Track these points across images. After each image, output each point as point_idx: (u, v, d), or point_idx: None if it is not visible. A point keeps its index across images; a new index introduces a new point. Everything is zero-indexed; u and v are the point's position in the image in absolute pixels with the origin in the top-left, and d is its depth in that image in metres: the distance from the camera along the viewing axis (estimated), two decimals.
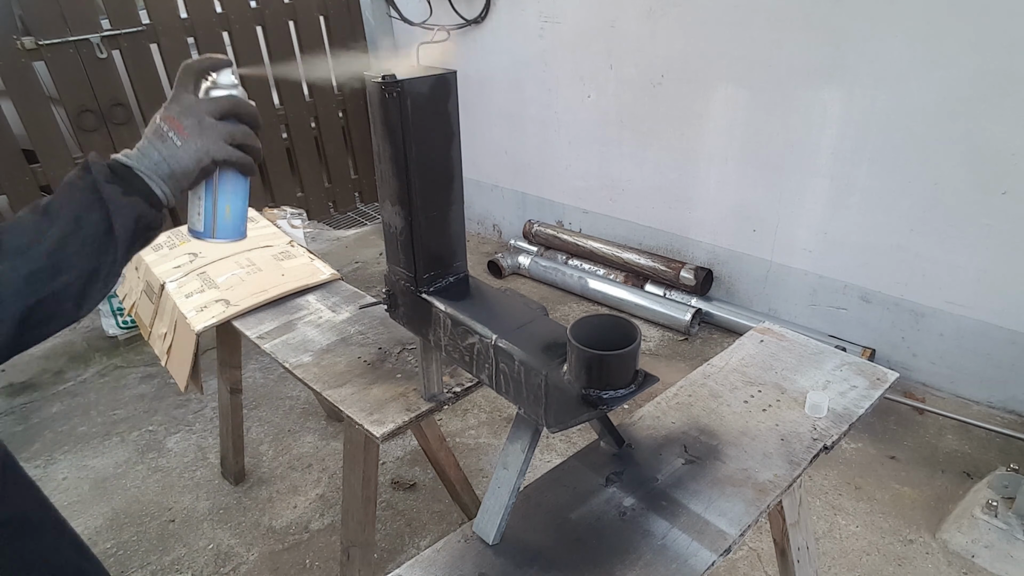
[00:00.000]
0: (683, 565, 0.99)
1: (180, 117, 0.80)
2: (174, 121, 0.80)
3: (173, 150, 0.79)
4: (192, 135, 0.79)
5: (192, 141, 0.79)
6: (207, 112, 0.81)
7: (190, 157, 0.80)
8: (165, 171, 0.79)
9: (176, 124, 0.80)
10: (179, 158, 0.79)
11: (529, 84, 3.44)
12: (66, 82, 3.21)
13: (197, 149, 0.80)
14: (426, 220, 1.11)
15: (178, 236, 2.24)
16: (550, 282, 3.53)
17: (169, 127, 0.80)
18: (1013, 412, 2.42)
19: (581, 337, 0.88)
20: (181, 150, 0.79)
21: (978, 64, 2.09)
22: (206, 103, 0.82)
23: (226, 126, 0.83)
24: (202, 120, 0.81)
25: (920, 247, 2.42)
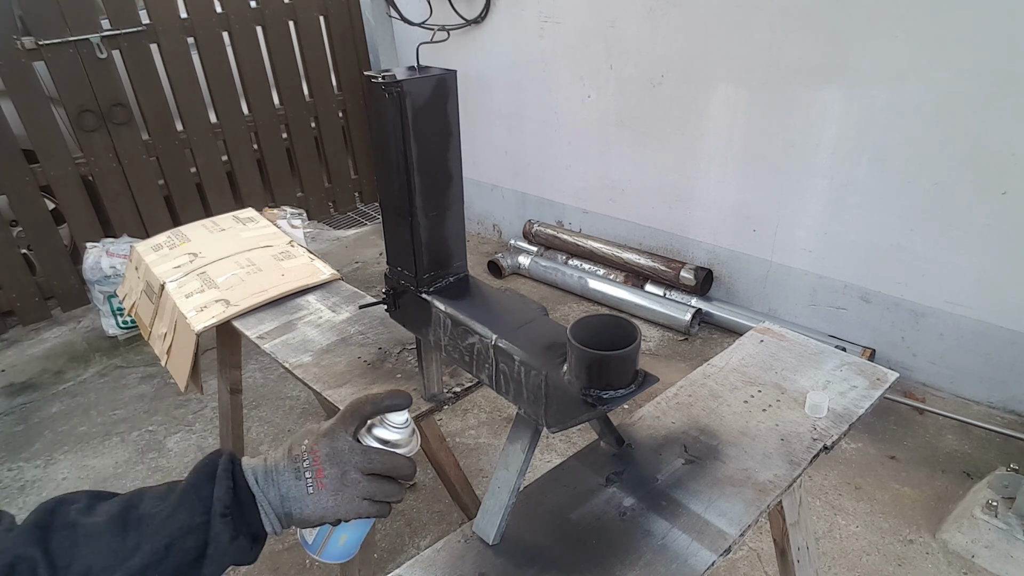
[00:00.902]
0: (683, 565, 0.99)
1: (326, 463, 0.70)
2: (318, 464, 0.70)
3: (302, 494, 0.69)
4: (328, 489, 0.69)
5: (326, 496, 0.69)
6: (356, 466, 0.71)
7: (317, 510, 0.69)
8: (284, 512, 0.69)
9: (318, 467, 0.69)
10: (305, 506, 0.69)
11: (529, 84, 3.44)
12: (66, 82, 3.21)
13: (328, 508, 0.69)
14: (426, 220, 1.11)
15: (178, 236, 2.24)
16: (550, 282, 3.53)
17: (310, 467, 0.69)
18: (1013, 412, 2.42)
19: (581, 337, 0.88)
20: (311, 499, 0.69)
21: (978, 64, 2.09)
22: (360, 454, 0.71)
23: (371, 485, 0.72)
24: (347, 475, 0.70)
25: (920, 247, 2.42)
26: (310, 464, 0.70)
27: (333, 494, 0.70)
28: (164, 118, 3.57)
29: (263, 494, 0.68)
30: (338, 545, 0.79)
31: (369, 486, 0.72)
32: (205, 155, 3.79)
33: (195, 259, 2.07)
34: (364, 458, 0.71)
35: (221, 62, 3.68)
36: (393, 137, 1.04)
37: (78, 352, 3.19)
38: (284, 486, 0.69)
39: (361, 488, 0.71)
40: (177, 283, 1.96)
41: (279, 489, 0.69)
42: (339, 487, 0.70)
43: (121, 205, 3.55)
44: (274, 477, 0.69)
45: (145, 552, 0.60)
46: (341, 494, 0.70)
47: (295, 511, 0.69)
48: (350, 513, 0.71)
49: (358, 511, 0.72)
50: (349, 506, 0.71)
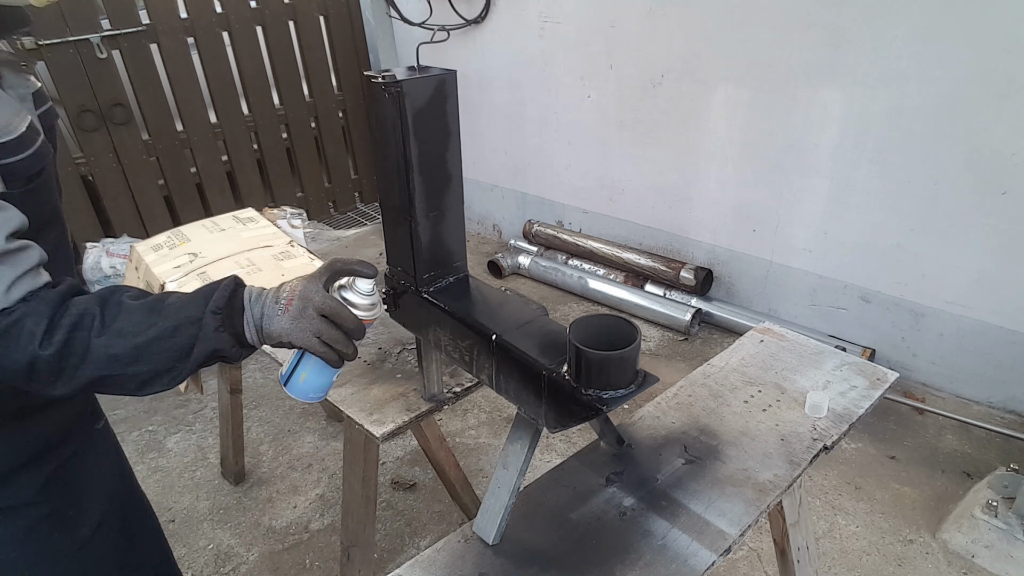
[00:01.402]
0: (683, 565, 0.99)
1: (295, 295, 0.88)
2: (292, 293, 0.88)
3: (273, 315, 0.87)
4: (290, 315, 0.87)
5: (287, 319, 0.87)
6: (315, 305, 0.88)
7: (279, 329, 0.87)
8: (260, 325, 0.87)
9: (290, 298, 0.88)
10: (273, 324, 0.87)
11: (529, 84, 3.44)
12: (66, 82, 3.21)
13: (285, 327, 0.87)
14: (426, 220, 1.11)
15: (178, 236, 2.25)
16: (550, 282, 3.53)
17: (286, 296, 0.88)
18: (1013, 412, 2.42)
19: (581, 337, 0.88)
20: (276, 320, 0.87)
21: (978, 64, 2.09)
22: (321, 298, 0.88)
23: (320, 323, 0.88)
24: (306, 309, 0.87)
25: (920, 247, 2.42)
26: (287, 295, 0.88)
27: (292, 320, 0.87)
28: (164, 118, 3.57)
29: (250, 309, 0.87)
30: (299, 382, 0.95)
31: (320, 324, 0.88)
32: (205, 155, 3.79)
33: (195, 259, 2.07)
34: (323, 302, 0.88)
35: (221, 62, 3.68)
36: (393, 137, 1.04)
37: None
38: (266, 307, 0.87)
39: (314, 324, 0.88)
40: (177, 283, 1.96)
41: (262, 308, 0.87)
42: (298, 316, 0.87)
43: (121, 205, 3.55)
44: (262, 298, 0.88)
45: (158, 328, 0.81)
46: (297, 322, 0.87)
47: (267, 327, 0.87)
48: (299, 340, 0.88)
49: (307, 342, 0.88)
50: (301, 335, 0.88)
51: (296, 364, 0.95)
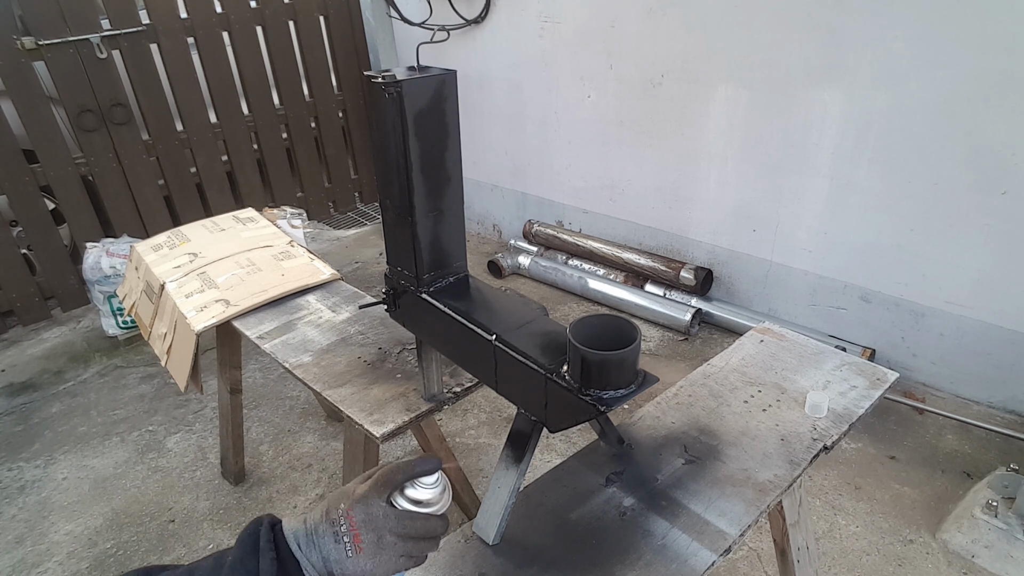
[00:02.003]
0: (683, 565, 0.99)
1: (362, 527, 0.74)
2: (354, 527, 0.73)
3: (342, 557, 0.73)
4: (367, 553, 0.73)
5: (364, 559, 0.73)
6: (391, 531, 0.74)
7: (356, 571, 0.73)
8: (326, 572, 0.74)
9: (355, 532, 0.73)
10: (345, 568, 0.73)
11: (529, 84, 3.44)
12: (66, 82, 3.21)
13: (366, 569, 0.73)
14: (426, 220, 1.11)
15: (178, 236, 2.25)
16: (550, 282, 3.53)
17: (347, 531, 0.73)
18: (1013, 412, 2.42)
19: (581, 337, 0.88)
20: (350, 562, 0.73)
21: (978, 64, 2.09)
22: (394, 520, 0.75)
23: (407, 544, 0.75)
24: (382, 539, 0.74)
25: (920, 247, 2.42)
26: (347, 529, 0.73)
27: (371, 557, 0.73)
28: (164, 118, 3.58)
29: (307, 559, 0.73)
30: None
31: (405, 546, 0.75)
32: (205, 155, 3.79)
33: (195, 259, 2.07)
34: (398, 523, 0.75)
35: (221, 62, 3.68)
36: (393, 137, 1.04)
37: (78, 352, 3.19)
38: (325, 549, 0.73)
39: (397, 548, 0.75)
40: (177, 283, 1.96)
41: (320, 552, 0.73)
42: (376, 551, 0.73)
43: (121, 205, 3.55)
44: (315, 540, 0.73)
45: None
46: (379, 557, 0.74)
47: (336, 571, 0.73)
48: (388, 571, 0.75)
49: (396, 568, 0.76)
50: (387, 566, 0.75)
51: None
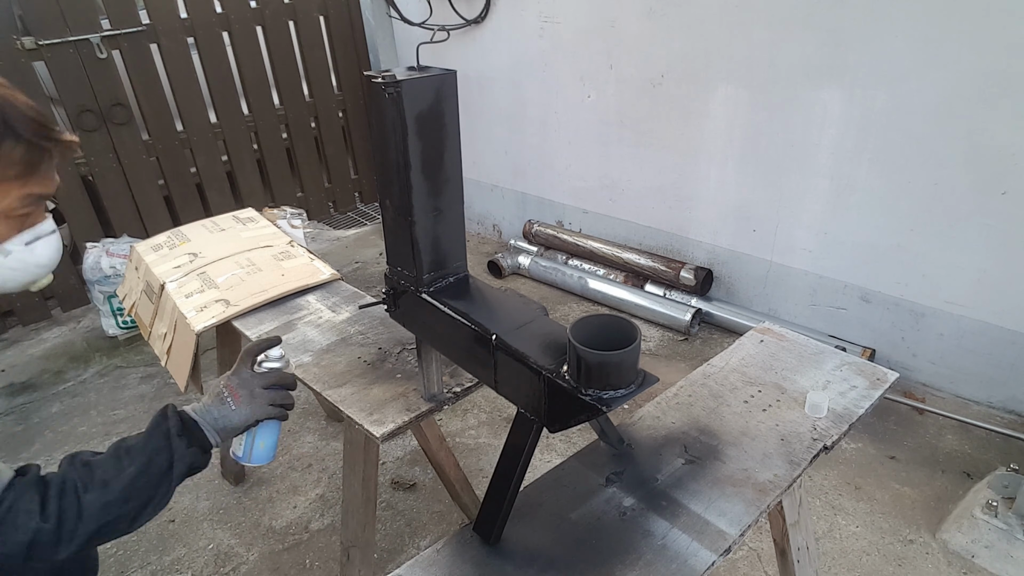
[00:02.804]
0: (683, 565, 0.99)
1: (238, 388, 1.06)
2: (233, 390, 1.06)
3: (228, 412, 1.04)
4: (244, 403, 1.05)
5: (243, 407, 1.05)
6: (257, 384, 1.07)
7: (241, 418, 1.05)
8: (220, 427, 1.04)
9: (234, 393, 1.05)
10: (231, 419, 1.04)
11: (529, 84, 3.44)
12: (66, 82, 3.21)
13: (247, 414, 1.05)
14: (426, 220, 1.11)
15: (178, 236, 2.25)
16: (550, 282, 3.53)
17: (228, 394, 1.05)
18: (1013, 412, 2.42)
19: (581, 337, 0.88)
20: (235, 413, 1.05)
21: (978, 64, 2.09)
22: (258, 377, 1.08)
23: (270, 393, 1.08)
24: (253, 391, 1.06)
25: (920, 247, 2.42)
26: (228, 394, 1.06)
27: (247, 404, 1.06)
28: (164, 118, 3.57)
29: (202, 419, 1.03)
30: (260, 449, 1.14)
31: (269, 394, 1.08)
32: (205, 155, 3.79)
33: (195, 259, 2.08)
34: (261, 378, 1.08)
35: (221, 62, 3.68)
36: (393, 137, 1.04)
37: (78, 352, 3.19)
38: (215, 411, 1.04)
39: (265, 396, 1.07)
40: (177, 283, 1.96)
41: (214, 413, 1.04)
42: (250, 399, 1.06)
43: (121, 205, 3.55)
44: (208, 408, 1.04)
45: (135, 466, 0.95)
46: (252, 403, 1.06)
47: (227, 424, 1.04)
48: (261, 414, 1.07)
49: (267, 413, 1.08)
50: (260, 410, 1.06)
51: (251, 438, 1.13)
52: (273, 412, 1.09)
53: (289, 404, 1.12)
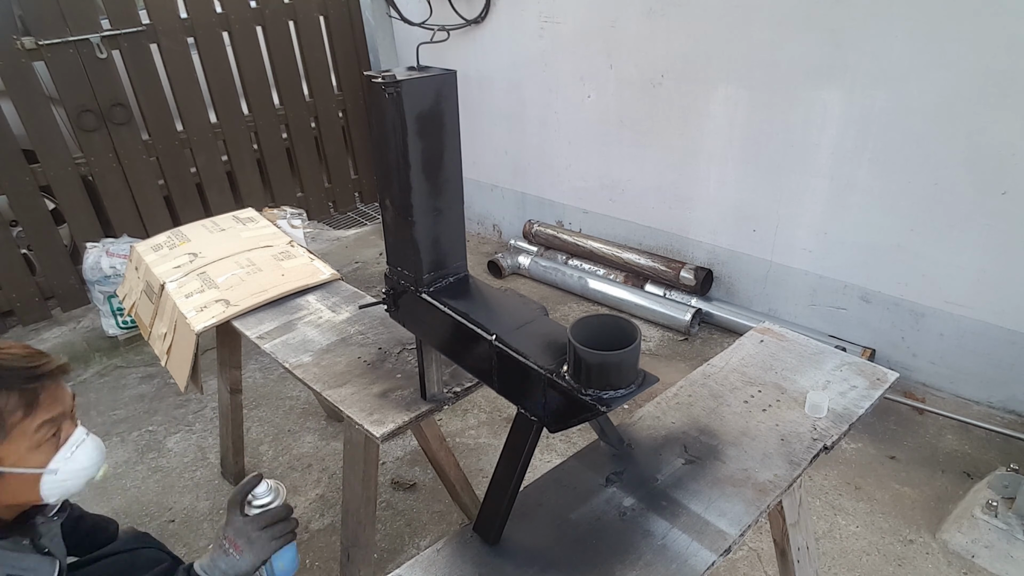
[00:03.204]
0: (683, 565, 0.99)
1: (235, 538, 1.10)
2: (232, 541, 1.10)
3: (234, 562, 1.09)
4: (245, 551, 1.10)
5: (246, 555, 1.10)
6: (252, 528, 1.11)
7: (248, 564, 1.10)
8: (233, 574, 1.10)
9: (233, 543, 1.10)
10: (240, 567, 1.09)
11: (529, 84, 3.44)
12: (66, 82, 3.21)
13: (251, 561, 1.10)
14: (426, 220, 1.11)
15: (178, 236, 2.25)
16: (550, 282, 3.53)
17: (229, 545, 1.10)
18: (1013, 412, 2.42)
19: (581, 337, 0.88)
20: (240, 561, 1.09)
21: (978, 64, 2.09)
22: (250, 522, 1.12)
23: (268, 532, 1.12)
24: (250, 536, 1.10)
25: (920, 247, 2.42)
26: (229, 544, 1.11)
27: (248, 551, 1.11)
28: (164, 118, 3.57)
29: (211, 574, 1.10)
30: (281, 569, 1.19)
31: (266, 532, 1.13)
32: (205, 155, 3.79)
33: (195, 259, 2.08)
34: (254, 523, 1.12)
35: (221, 62, 3.68)
36: (393, 137, 1.04)
37: (78, 352, 3.19)
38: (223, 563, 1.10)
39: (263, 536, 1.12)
40: (177, 283, 1.96)
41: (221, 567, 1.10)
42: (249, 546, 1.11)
43: (121, 205, 3.55)
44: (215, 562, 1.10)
45: None
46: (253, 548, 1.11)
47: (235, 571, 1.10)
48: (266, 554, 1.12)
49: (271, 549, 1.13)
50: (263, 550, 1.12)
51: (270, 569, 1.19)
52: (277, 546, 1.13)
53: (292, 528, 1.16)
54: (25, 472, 1.04)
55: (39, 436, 1.04)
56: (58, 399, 1.07)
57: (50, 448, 1.06)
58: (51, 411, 1.05)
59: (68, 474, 1.08)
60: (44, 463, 1.06)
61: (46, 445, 1.06)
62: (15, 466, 1.02)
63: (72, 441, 1.10)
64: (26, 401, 1.01)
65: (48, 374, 1.05)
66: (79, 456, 1.10)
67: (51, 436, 1.06)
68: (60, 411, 1.07)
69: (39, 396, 1.03)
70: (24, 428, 1.01)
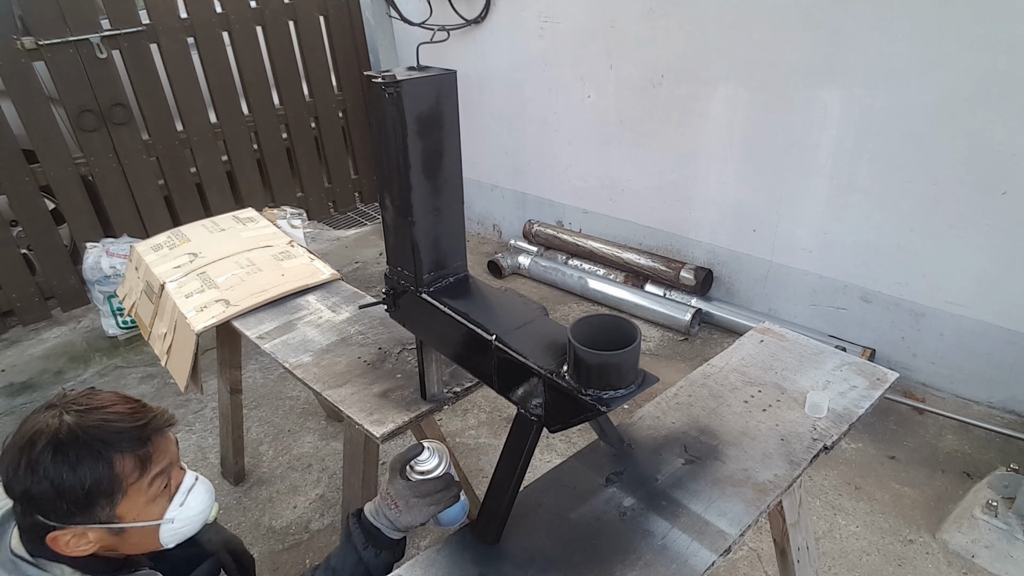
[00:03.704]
0: (683, 565, 0.99)
1: (396, 498, 1.12)
2: (392, 500, 1.12)
3: (396, 516, 1.11)
4: (403, 511, 1.11)
5: (404, 515, 1.11)
6: (411, 495, 1.11)
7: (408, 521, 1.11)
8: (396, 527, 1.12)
9: (394, 503, 1.12)
10: (401, 521, 1.11)
11: (529, 84, 3.44)
12: (66, 82, 3.21)
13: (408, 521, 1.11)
14: (426, 220, 1.11)
15: (178, 236, 2.25)
16: (550, 282, 3.53)
17: (391, 503, 1.12)
18: (1013, 412, 2.42)
19: (581, 337, 0.88)
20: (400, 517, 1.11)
21: (978, 64, 2.09)
22: (408, 488, 1.12)
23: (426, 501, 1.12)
24: (408, 501, 1.11)
25: (920, 247, 2.42)
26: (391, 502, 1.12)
27: (407, 513, 1.11)
28: (164, 118, 3.57)
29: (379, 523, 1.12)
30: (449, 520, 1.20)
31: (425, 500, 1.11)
32: (205, 155, 3.79)
33: (195, 259, 2.08)
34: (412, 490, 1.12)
35: (221, 62, 3.68)
36: (393, 137, 1.04)
37: (78, 352, 3.19)
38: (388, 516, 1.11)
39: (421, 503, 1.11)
40: (177, 283, 1.96)
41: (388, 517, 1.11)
42: (407, 508, 1.11)
43: (121, 205, 3.55)
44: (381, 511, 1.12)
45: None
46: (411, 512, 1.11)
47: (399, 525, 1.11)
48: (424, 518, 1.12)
49: (429, 514, 1.12)
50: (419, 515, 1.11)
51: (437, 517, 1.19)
52: (435, 511, 1.13)
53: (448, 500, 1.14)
54: (144, 526, 1.07)
55: (153, 490, 1.06)
56: (166, 451, 1.09)
57: (164, 499, 1.09)
58: (161, 464, 1.07)
59: (183, 521, 1.12)
60: (160, 515, 1.08)
61: (160, 497, 1.08)
62: (135, 521, 1.05)
63: (183, 488, 1.13)
64: (140, 461, 1.03)
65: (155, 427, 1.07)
66: (191, 503, 1.13)
67: (163, 488, 1.08)
68: (169, 462, 1.09)
69: (151, 453, 1.05)
70: (139, 486, 1.03)
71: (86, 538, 1.01)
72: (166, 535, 1.10)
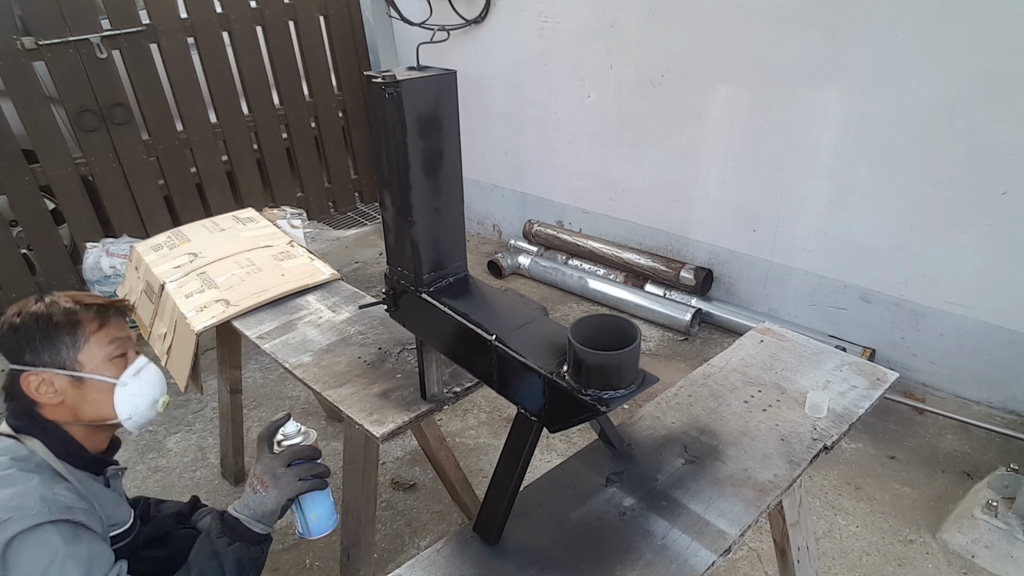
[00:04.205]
0: (683, 565, 0.99)
1: (262, 474, 1.14)
2: (259, 478, 1.14)
3: (261, 499, 1.13)
4: (271, 486, 1.13)
5: (272, 490, 1.13)
6: (278, 464, 1.14)
7: (274, 502, 1.13)
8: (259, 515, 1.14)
9: (260, 480, 1.14)
10: (266, 504, 1.13)
11: (529, 84, 3.44)
12: (66, 82, 3.20)
13: (276, 496, 1.13)
14: (426, 220, 1.11)
15: (178, 236, 2.25)
16: (550, 282, 3.53)
17: (257, 483, 1.14)
18: (1013, 412, 2.42)
19: (581, 337, 0.88)
20: (267, 498, 1.13)
21: (978, 64, 2.09)
22: (277, 458, 1.15)
23: (294, 470, 1.15)
24: (275, 472, 1.14)
25: (920, 247, 2.42)
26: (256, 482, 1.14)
27: (273, 487, 1.13)
28: (164, 118, 3.57)
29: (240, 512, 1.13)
30: (315, 521, 1.20)
31: (293, 470, 1.15)
32: (205, 155, 3.79)
33: (195, 259, 2.08)
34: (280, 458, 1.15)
35: (221, 62, 3.68)
36: (393, 137, 1.04)
37: None
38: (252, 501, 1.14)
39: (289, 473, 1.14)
40: (177, 283, 1.96)
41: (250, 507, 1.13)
42: (275, 481, 1.13)
43: (121, 205, 3.55)
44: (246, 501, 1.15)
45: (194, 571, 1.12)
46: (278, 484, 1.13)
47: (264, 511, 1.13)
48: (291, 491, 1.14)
49: (297, 488, 1.15)
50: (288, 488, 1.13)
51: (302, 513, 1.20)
52: (304, 487, 1.16)
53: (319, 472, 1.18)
54: (101, 380, 1.20)
55: (111, 349, 1.21)
56: (123, 328, 1.26)
57: (120, 365, 1.23)
58: (118, 332, 1.24)
59: (137, 390, 1.25)
60: (116, 375, 1.22)
61: (117, 361, 1.23)
62: (93, 373, 1.19)
63: (138, 363, 1.27)
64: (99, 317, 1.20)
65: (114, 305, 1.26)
66: (145, 375, 1.26)
67: (120, 356, 1.23)
68: (126, 335, 1.26)
69: (109, 317, 1.23)
70: (99, 339, 1.20)
71: (52, 386, 1.16)
72: (120, 401, 1.23)
